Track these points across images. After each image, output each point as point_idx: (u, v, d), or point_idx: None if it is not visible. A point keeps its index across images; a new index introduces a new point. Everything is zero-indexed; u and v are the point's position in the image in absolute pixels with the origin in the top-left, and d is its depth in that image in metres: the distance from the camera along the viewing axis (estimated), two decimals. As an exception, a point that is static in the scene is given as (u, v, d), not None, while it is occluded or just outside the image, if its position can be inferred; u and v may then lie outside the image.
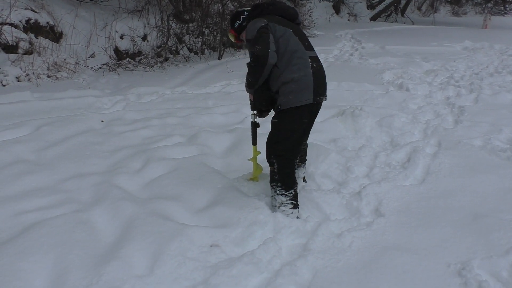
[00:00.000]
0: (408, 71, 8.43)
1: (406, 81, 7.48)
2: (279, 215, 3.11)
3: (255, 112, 3.41)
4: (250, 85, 3.15)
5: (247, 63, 3.07)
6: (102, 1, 9.94)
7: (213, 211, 3.15)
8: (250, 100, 3.37)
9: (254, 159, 3.60)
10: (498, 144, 4.51)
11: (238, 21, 3.29)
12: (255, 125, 3.51)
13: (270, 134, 3.21)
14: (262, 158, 3.87)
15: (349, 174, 3.96)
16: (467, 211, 3.25)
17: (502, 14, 26.96)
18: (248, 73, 3.11)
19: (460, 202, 3.39)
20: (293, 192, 3.20)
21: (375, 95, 6.50)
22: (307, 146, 3.71)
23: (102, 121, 5.34)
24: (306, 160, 3.71)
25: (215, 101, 6.47)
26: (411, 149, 4.49)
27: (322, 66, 3.23)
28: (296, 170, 3.40)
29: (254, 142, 3.57)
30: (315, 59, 3.16)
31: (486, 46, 12.11)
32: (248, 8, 3.32)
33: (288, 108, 3.04)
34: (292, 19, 3.25)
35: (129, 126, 5.19)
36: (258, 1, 11.35)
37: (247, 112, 5.50)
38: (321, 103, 3.27)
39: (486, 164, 4.09)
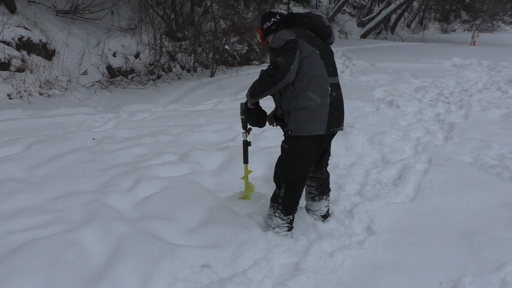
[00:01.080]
0: (398, 88, 8.52)
1: (396, 98, 7.56)
2: (270, 233, 3.11)
3: (247, 130, 3.42)
4: (254, 93, 2.92)
5: (263, 70, 2.83)
6: (96, 19, 9.98)
7: (204, 230, 3.14)
8: (241, 118, 3.36)
9: (245, 177, 3.61)
10: (487, 160, 4.55)
11: (268, 22, 3.09)
12: (246, 144, 3.52)
13: (280, 158, 3.12)
14: (253, 176, 3.89)
15: (340, 192, 3.97)
16: (458, 228, 3.26)
17: (489, 31, 27.49)
18: (258, 80, 2.86)
19: (451, 219, 3.41)
20: (291, 217, 3.16)
21: (366, 112, 6.55)
22: (328, 175, 3.44)
23: (94, 139, 5.32)
24: (329, 190, 3.45)
25: (208, 119, 6.49)
26: (402, 166, 4.52)
27: (341, 94, 3.08)
28: (317, 203, 3.36)
29: (246, 161, 3.57)
30: (336, 87, 2.99)
31: (474, 63, 12.28)
32: (283, 12, 3.13)
33: (298, 135, 2.94)
34: (324, 38, 3.04)
35: (120, 144, 5.18)
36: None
37: (239, 130, 5.49)
38: (335, 133, 3.14)
39: (476, 180, 4.12)
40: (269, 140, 5.16)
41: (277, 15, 3.08)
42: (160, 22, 10.80)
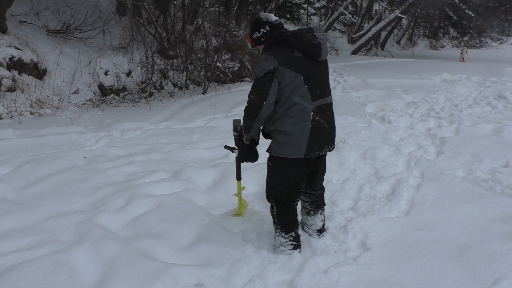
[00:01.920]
0: (389, 103, 8.57)
1: (388, 114, 7.60)
2: (264, 251, 3.08)
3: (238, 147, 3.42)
4: (246, 130, 3.02)
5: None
6: (87, 38, 10.01)
7: (197, 248, 3.11)
8: (234, 135, 3.34)
9: (238, 194, 3.59)
10: (479, 174, 4.57)
11: (257, 33, 2.99)
12: (239, 160, 3.51)
13: (267, 176, 3.14)
14: (246, 193, 3.87)
15: (334, 208, 3.95)
16: (453, 243, 3.25)
17: (477, 47, 27.93)
18: (243, 117, 2.98)
19: (445, 233, 3.40)
20: (293, 235, 3.13)
21: (358, 128, 6.58)
22: (324, 190, 3.43)
23: (85, 157, 5.28)
24: (324, 205, 3.42)
25: (200, 136, 6.47)
26: (395, 181, 4.52)
27: (331, 115, 3.04)
28: (312, 217, 3.34)
29: (239, 177, 3.56)
30: (323, 109, 2.95)
31: (464, 78, 12.41)
32: (272, 20, 2.98)
33: (277, 156, 2.97)
34: (313, 57, 2.92)
35: (112, 162, 5.14)
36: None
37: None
38: (322, 154, 3.13)
39: (469, 194, 4.13)
40: (262, 156, 5.13)
41: (267, 26, 2.96)
42: (152, 41, 10.84)
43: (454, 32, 29.98)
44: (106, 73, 9.37)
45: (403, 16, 22.41)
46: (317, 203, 3.34)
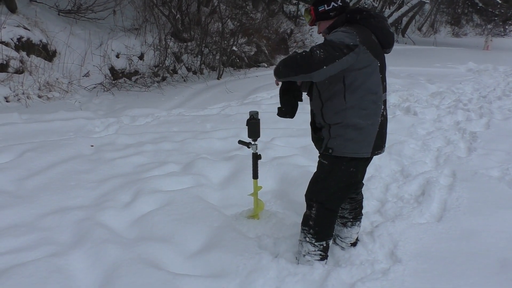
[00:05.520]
0: (413, 93, 8.15)
1: (413, 104, 7.18)
2: (282, 260, 2.75)
3: (256, 142, 3.08)
4: (277, 72, 2.46)
5: (296, 52, 2.44)
6: (98, 19, 9.67)
7: (208, 256, 2.78)
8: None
9: (255, 194, 3.25)
10: (518, 175, 4.17)
11: (326, 6, 2.53)
12: (256, 157, 3.17)
13: (316, 175, 2.70)
14: (262, 191, 3.52)
15: (359, 210, 3.60)
16: (494, 255, 2.89)
17: (502, 35, 26.98)
18: (284, 61, 2.40)
19: (485, 244, 3.03)
20: (324, 244, 2.75)
21: (382, 120, 6.18)
22: (363, 197, 3.03)
23: (92, 146, 4.99)
24: (361, 215, 3.02)
25: (214, 124, 6.14)
26: (424, 180, 4.15)
27: (386, 111, 2.68)
28: (348, 229, 2.95)
29: (255, 176, 3.21)
30: (385, 104, 2.61)
31: (490, 68, 11.90)
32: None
33: (341, 156, 2.53)
34: (385, 46, 2.55)
35: (120, 152, 4.84)
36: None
37: (246, 137, 5.17)
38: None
39: (508, 198, 3.75)
40: (280, 149, 4.80)
41: (339, 1, 2.53)
42: (165, 22, 10.46)
43: (478, 19, 28.94)
44: (117, 56, 9.06)
45: (426, 1, 21.63)
46: (356, 211, 2.94)
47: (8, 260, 2.65)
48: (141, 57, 9.51)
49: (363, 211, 3.38)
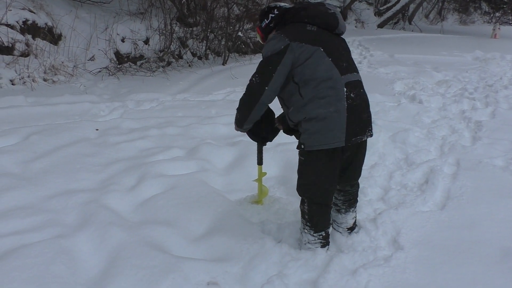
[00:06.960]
0: (419, 81, 8.09)
1: (418, 93, 7.13)
2: (285, 245, 2.77)
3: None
4: (238, 122, 2.68)
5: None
6: (104, 3, 9.63)
7: (211, 240, 2.81)
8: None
9: (259, 180, 3.26)
10: (522, 165, 4.16)
11: (266, 20, 2.66)
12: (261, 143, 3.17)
13: (299, 172, 2.68)
14: (267, 176, 3.54)
15: (362, 197, 3.59)
16: (497, 244, 2.89)
17: (510, 23, 26.62)
18: (238, 107, 2.62)
19: (487, 233, 3.03)
20: (323, 234, 2.76)
21: (387, 107, 6.16)
22: (358, 187, 2.98)
23: (97, 129, 5.01)
24: (356, 202, 3.00)
25: (218, 110, 6.13)
26: (428, 169, 4.14)
27: (364, 93, 2.58)
28: (343, 215, 2.95)
29: (260, 162, 3.22)
30: (354, 86, 2.50)
31: (497, 57, 11.75)
32: (283, 5, 2.69)
33: (313, 150, 2.49)
34: (330, 29, 2.57)
35: (125, 136, 4.86)
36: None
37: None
38: (364, 141, 2.65)
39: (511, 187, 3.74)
40: (284, 135, 4.79)
41: (275, 10, 2.66)
42: (171, 7, 10.41)
43: (486, 7, 28.54)
44: (123, 40, 9.04)
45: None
46: (350, 202, 2.95)
47: (15, 241, 2.69)
48: (146, 41, 9.49)
49: (366, 199, 3.40)
